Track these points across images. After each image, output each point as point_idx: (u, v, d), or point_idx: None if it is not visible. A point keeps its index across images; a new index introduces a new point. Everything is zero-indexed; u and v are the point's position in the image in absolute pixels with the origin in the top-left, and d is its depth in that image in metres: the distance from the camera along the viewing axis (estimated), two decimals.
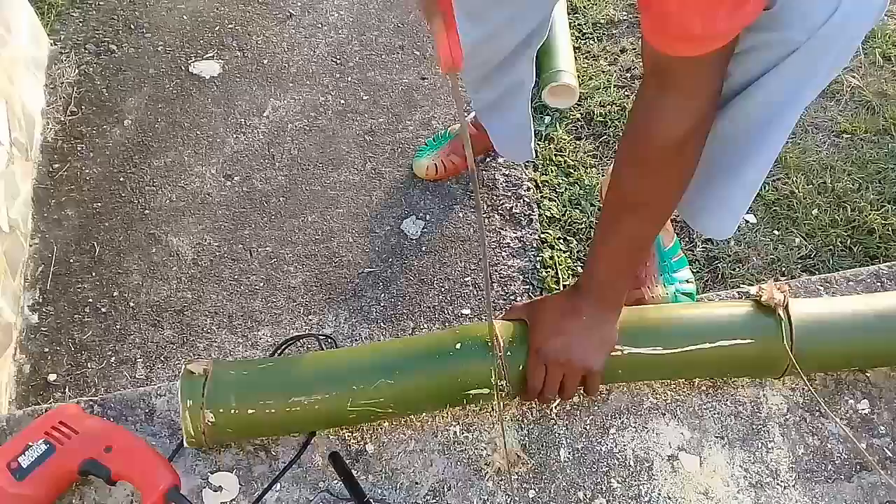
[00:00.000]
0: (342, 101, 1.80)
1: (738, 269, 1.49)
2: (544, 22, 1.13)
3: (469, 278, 1.50)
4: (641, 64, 1.84)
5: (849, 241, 1.53)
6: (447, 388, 0.94)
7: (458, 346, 0.94)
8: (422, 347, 0.97)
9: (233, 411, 0.90)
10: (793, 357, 0.94)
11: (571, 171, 1.66)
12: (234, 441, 0.98)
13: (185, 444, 0.91)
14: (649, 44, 0.77)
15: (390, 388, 0.92)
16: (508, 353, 0.93)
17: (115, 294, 1.51)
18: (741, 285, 1.44)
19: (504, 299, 1.46)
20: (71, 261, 1.56)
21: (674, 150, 0.84)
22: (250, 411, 0.91)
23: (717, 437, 0.99)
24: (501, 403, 0.98)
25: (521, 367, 0.94)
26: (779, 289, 0.96)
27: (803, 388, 1.03)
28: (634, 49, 1.89)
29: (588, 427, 1.00)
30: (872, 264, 1.25)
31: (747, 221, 1.57)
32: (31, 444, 0.89)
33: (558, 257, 1.52)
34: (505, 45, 1.13)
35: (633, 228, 0.91)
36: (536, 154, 1.55)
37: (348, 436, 0.99)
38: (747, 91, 0.85)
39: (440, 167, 1.59)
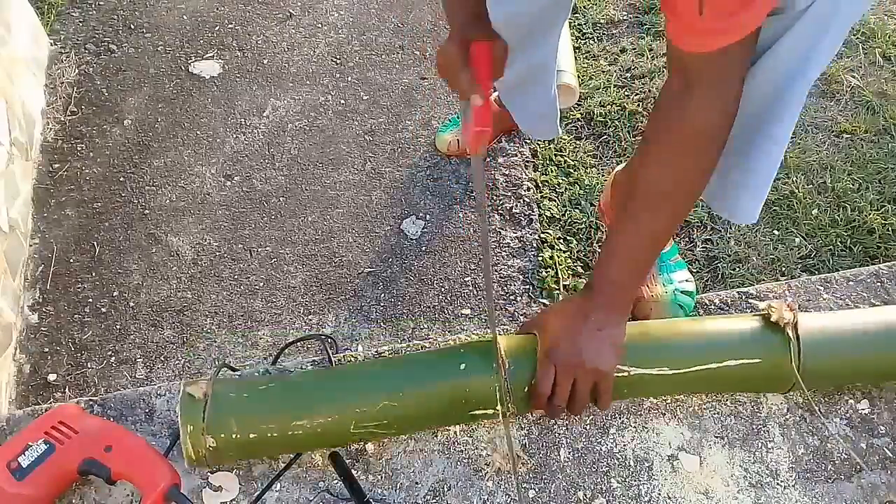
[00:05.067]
0: (342, 101, 1.80)
1: (738, 269, 1.49)
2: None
3: (469, 278, 1.50)
4: (642, 64, 1.85)
5: (849, 241, 1.53)
6: (451, 410, 0.93)
7: (462, 366, 0.92)
8: (425, 369, 0.95)
9: (234, 436, 0.89)
10: (799, 377, 0.94)
11: (571, 171, 1.66)
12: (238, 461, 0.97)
13: (187, 465, 0.91)
14: (670, 41, 0.78)
15: (393, 411, 0.92)
16: (512, 368, 0.92)
17: (115, 294, 1.51)
18: (741, 285, 1.44)
19: (504, 299, 1.46)
20: (71, 261, 1.56)
21: (698, 145, 0.85)
22: (252, 436, 0.90)
23: (717, 437, 0.99)
24: (504, 407, 0.97)
25: (530, 384, 0.92)
26: (788, 307, 0.95)
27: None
28: (634, 49, 1.89)
29: (588, 427, 1.00)
30: (872, 264, 1.25)
31: None
32: (30, 443, 0.89)
33: (558, 257, 1.52)
34: (525, 21, 1.12)
35: (652, 225, 0.91)
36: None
37: None
38: (753, 69, 0.85)
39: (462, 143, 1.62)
